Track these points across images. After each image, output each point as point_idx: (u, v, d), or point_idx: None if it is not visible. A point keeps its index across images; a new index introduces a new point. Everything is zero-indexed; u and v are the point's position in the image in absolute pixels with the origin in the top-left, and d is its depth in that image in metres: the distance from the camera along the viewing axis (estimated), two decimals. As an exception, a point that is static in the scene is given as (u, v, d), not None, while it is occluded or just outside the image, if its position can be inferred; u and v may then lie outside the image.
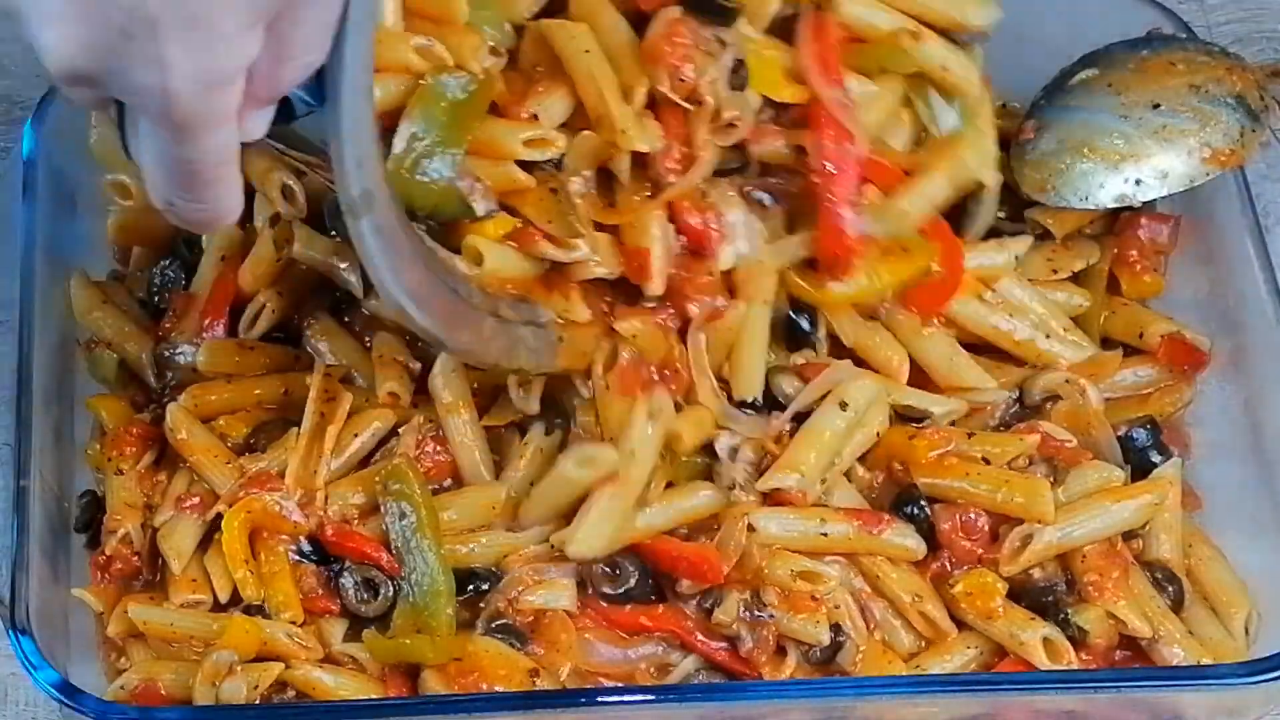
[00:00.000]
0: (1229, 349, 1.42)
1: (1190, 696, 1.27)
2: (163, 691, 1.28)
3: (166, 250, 1.48)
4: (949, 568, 1.31)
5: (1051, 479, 1.32)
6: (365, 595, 1.29)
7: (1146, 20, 1.51)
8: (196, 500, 1.33)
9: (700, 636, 1.30)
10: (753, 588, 1.29)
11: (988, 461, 1.33)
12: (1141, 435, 1.37)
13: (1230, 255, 1.43)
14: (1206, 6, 1.72)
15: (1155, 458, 1.36)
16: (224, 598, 1.30)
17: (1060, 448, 1.35)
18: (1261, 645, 1.30)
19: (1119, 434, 1.37)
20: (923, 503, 1.31)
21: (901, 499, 1.32)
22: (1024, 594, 1.31)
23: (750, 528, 1.28)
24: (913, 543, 1.31)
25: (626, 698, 1.27)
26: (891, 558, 1.31)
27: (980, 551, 1.31)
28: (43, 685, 1.23)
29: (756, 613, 1.28)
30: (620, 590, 1.30)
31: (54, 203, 1.48)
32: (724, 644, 1.30)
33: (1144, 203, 1.45)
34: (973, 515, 1.31)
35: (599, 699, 1.26)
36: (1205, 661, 1.29)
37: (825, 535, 1.30)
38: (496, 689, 1.25)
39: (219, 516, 1.31)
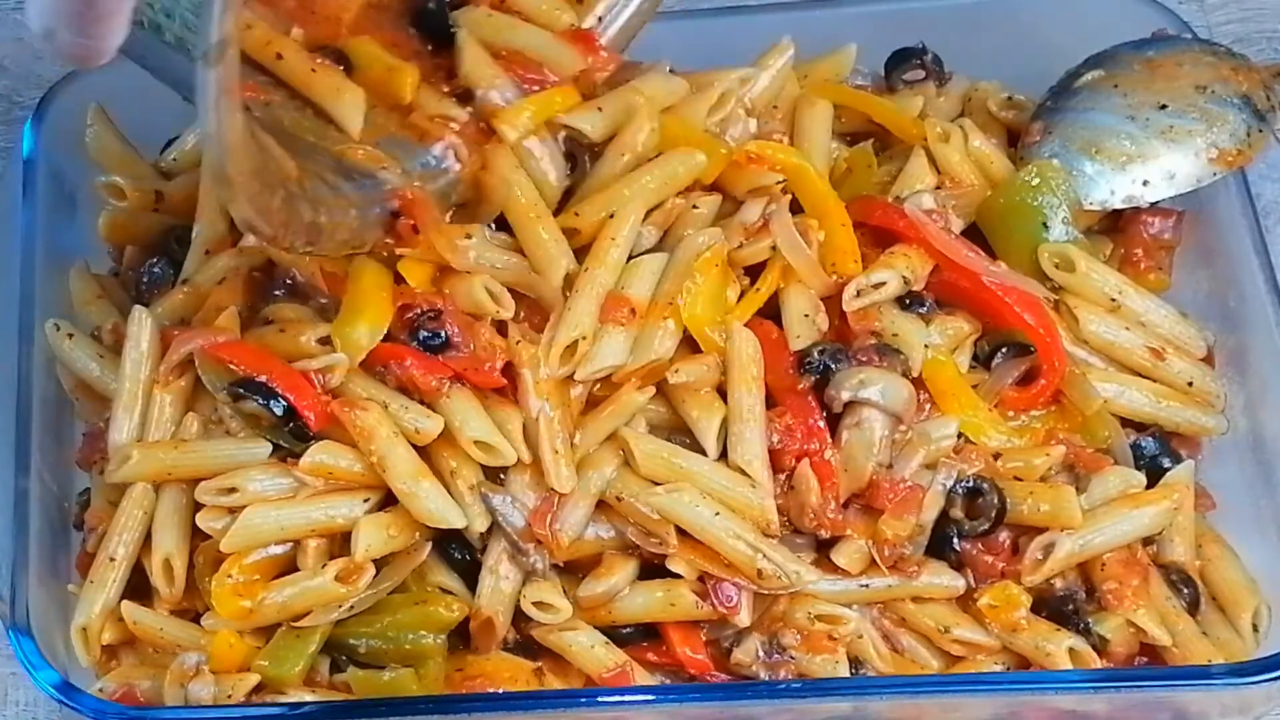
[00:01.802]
0: (1230, 348, 1.42)
1: (1191, 695, 1.26)
2: (140, 696, 1.29)
3: (156, 249, 1.48)
4: (973, 584, 1.31)
5: (1074, 486, 1.32)
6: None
7: (1148, 21, 1.51)
8: None
9: (712, 673, 1.30)
10: (771, 632, 1.29)
11: (1019, 479, 1.32)
12: (1150, 444, 1.37)
13: (1231, 255, 1.43)
14: (1206, 6, 1.72)
15: (1166, 463, 1.36)
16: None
17: (1081, 454, 1.34)
18: (1264, 644, 1.30)
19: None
20: (956, 544, 1.31)
21: (940, 540, 1.31)
22: (1044, 604, 1.31)
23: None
24: (949, 579, 1.31)
25: (627, 698, 1.26)
26: (933, 598, 1.31)
27: (1002, 566, 1.31)
28: (43, 685, 1.23)
29: (776, 654, 1.28)
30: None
31: (54, 202, 1.48)
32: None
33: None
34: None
35: (599, 699, 1.26)
36: (1215, 661, 1.29)
37: (866, 587, 1.30)
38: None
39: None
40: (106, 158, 1.51)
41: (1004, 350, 1.36)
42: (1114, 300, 1.38)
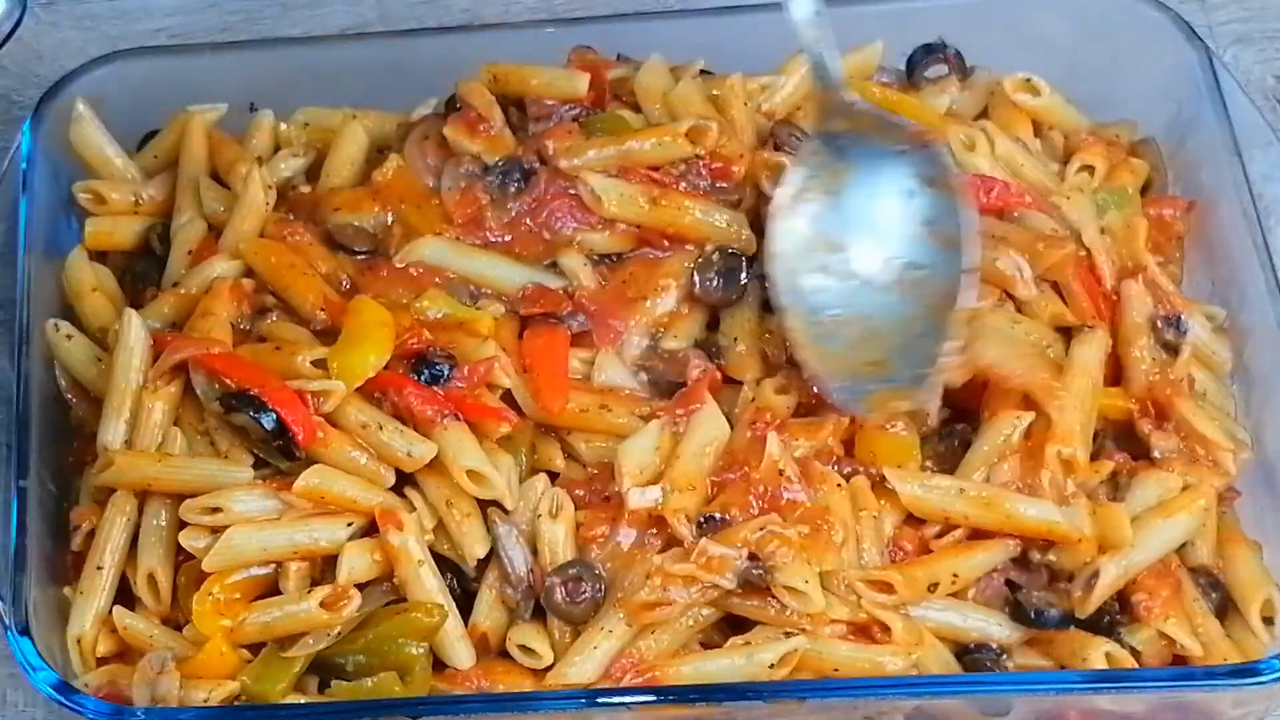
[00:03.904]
0: (1232, 348, 1.42)
1: (1192, 695, 1.26)
2: (125, 694, 1.27)
3: (139, 249, 1.48)
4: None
5: (1113, 495, 1.32)
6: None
7: (1148, 21, 1.51)
8: None
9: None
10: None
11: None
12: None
13: (1231, 256, 1.43)
14: (1207, 6, 1.72)
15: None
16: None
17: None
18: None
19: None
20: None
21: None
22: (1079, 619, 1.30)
23: None
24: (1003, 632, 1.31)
25: (626, 698, 1.26)
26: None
27: None
28: (41, 686, 1.22)
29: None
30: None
31: (52, 201, 1.48)
32: None
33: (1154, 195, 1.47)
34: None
35: (599, 699, 1.25)
36: (1231, 661, 1.29)
37: None
38: (499, 689, 1.26)
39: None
40: (89, 154, 1.51)
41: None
42: None
